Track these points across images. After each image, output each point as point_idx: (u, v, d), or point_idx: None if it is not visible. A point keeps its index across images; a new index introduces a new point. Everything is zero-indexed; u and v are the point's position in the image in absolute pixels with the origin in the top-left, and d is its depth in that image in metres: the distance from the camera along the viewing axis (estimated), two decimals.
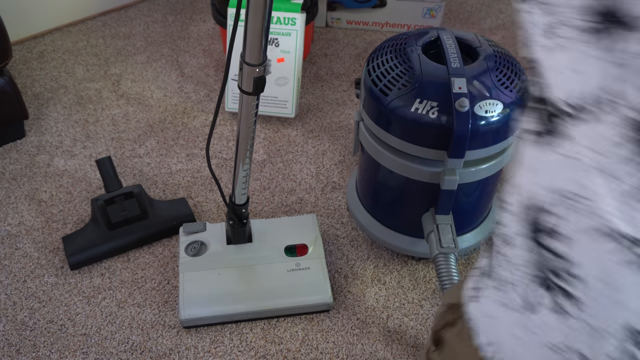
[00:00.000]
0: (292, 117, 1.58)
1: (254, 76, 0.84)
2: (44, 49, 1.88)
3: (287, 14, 1.52)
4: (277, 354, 1.13)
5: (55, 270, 1.27)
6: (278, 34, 1.53)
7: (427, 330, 1.17)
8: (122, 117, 1.64)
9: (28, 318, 1.19)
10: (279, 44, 1.53)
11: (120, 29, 1.98)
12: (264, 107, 1.57)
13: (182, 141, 1.57)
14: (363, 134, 1.17)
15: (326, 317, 1.19)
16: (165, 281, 1.25)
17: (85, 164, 1.50)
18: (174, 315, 1.19)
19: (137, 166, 1.50)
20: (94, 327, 1.17)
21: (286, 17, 1.52)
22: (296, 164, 1.51)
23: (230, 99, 1.61)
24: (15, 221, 1.37)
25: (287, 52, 1.53)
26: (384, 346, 1.15)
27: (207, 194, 1.44)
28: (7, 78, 1.46)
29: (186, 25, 2.00)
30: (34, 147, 1.55)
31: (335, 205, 1.41)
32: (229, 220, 1.18)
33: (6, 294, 1.23)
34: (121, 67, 1.81)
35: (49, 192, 1.43)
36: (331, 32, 1.98)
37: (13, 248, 1.31)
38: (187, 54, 1.87)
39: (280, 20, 1.52)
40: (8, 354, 1.13)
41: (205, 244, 1.23)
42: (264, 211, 1.40)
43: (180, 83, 1.76)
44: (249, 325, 1.18)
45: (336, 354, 1.14)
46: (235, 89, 1.58)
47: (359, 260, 1.29)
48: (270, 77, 1.51)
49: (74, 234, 1.30)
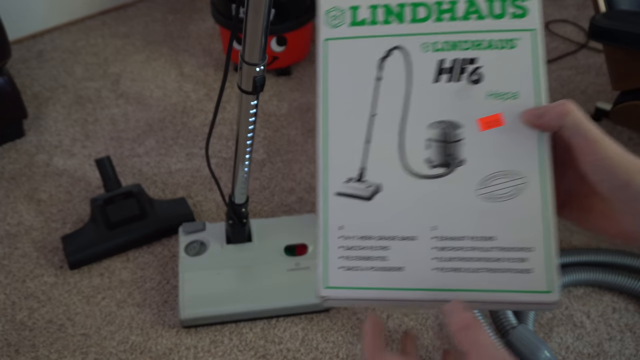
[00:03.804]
0: (554, 302, 0.40)
1: (253, 75, 0.83)
2: (43, 48, 1.87)
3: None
4: (276, 353, 1.13)
5: (55, 270, 1.27)
6: (473, 45, 0.42)
7: (427, 330, 1.17)
8: (121, 116, 1.64)
9: (27, 318, 1.18)
10: (482, 76, 0.42)
11: (120, 28, 1.97)
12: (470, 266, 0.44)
13: (181, 140, 1.57)
14: None
15: (326, 316, 1.19)
16: (164, 281, 1.25)
17: (84, 164, 1.50)
18: (174, 315, 1.19)
19: (137, 166, 1.50)
20: (93, 327, 1.17)
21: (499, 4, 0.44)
22: (296, 164, 1.51)
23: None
24: (15, 221, 1.36)
25: (504, 95, 0.41)
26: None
27: (206, 193, 1.43)
28: (6, 77, 1.46)
29: (186, 24, 2.00)
30: (33, 146, 1.55)
31: None
32: (229, 219, 1.18)
33: (5, 293, 1.22)
34: (120, 67, 1.81)
35: (48, 192, 1.43)
36: None
37: (12, 248, 1.31)
38: (187, 53, 1.87)
39: (478, 10, 0.43)
40: (7, 354, 1.13)
41: (204, 244, 1.23)
42: (264, 211, 1.39)
43: (179, 82, 1.76)
44: (248, 325, 1.17)
45: (336, 354, 1.13)
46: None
47: None
48: (466, 174, 0.42)
49: (73, 234, 1.29)
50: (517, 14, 0.41)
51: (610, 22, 1.17)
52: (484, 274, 0.39)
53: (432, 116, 0.41)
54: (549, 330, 1.16)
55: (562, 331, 1.16)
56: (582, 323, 1.17)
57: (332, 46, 0.43)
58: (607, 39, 1.18)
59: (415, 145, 0.41)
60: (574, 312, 1.19)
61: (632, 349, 1.13)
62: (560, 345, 1.14)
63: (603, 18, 1.18)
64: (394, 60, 0.42)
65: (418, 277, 0.40)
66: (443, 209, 0.40)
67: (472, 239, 0.39)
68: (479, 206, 0.40)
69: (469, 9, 0.42)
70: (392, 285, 0.40)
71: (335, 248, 0.41)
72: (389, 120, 0.41)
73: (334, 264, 0.41)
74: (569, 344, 1.14)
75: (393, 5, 0.43)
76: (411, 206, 0.40)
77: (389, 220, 0.40)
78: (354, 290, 0.40)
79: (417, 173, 0.41)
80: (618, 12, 1.23)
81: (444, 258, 0.40)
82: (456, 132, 0.40)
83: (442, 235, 0.40)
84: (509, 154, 0.40)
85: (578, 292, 1.23)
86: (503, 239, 0.39)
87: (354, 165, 0.41)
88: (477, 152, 0.40)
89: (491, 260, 0.39)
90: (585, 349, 1.14)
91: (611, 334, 1.16)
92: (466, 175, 0.40)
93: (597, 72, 1.81)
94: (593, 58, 1.89)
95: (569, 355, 1.13)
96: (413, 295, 0.39)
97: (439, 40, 0.42)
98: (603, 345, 1.14)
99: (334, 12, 0.43)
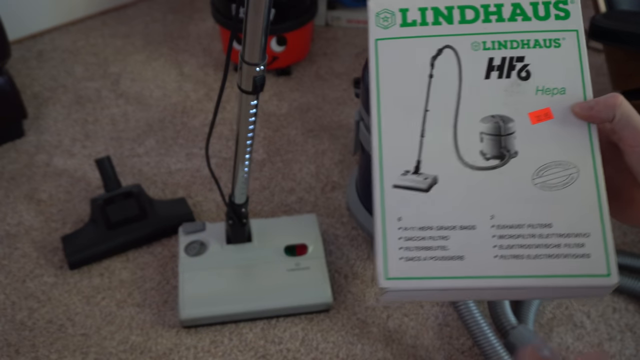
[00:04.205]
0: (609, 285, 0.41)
1: (253, 75, 0.83)
2: (43, 48, 1.87)
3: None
4: (276, 353, 1.13)
5: (55, 270, 1.26)
6: (521, 44, 0.45)
7: (427, 330, 1.17)
8: (121, 116, 1.64)
9: (27, 318, 1.18)
10: (530, 73, 0.44)
11: (120, 28, 1.97)
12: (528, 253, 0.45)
13: (181, 140, 1.57)
14: (363, 134, 1.17)
15: (326, 317, 1.19)
16: (164, 281, 1.25)
17: (84, 164, 1.50)
18: (174, 315, 1.18)
19: (137, 166, 1.50)
20: (93, 327, 1.17)
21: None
22: (296, 164, 1.51)
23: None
24: (15, 221, 1.36)
25: (553, 90, 0.44)
26: (384, 346, 1.14)
27: (206, 193, 1.43)
28: (6, 77, 1.46)
29: (186, 24, 2.00)
30: (33, 146, 1.55)
31: (335, 205, 1.40)
32: (229, 219, 1.17)
33: (5, 293, 1.22)
34: (120, 67, 1.81)
35: (48, 192, 1.43)
36: (331, 31, 1.97)
37: (12, 248, 1.31)
38: (187, 53, 1.87)
39: (524, 12, 0.46)
40: (7, 354, 1.12)
41: (204, 244, 1.23)
42: (264, 211, 1.39)
43: (179, 82, 1.76)
44: (248, 325, 1.17)
45: (336, 354, 1.13)
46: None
47: (359, 260, 1.29)
48: (520, 165, 0.44)
49: (73, 234, 1.29)
50: (560, 16, 0.45)
51: (610, 22, 1.17)
52: (544, 260, 0.40)
53: (484, 111, 0.43)
54: (549, 330, 1.16)
55: (562, 331, 1.16)
56: (582, 323, 1.17)
57: (383, 46, 0.45)
58: (607, 39, 1.18)
59: (469, 139, 0.43)
60: (574, 312, 1.19)
61: (632, 349, 1.13)
62: (560, 345, 1.14)
63: (603, 18, 1.18)
64: (444, 59, 0.45)
65: (479, 265, 0.40)
66: (500, 199, 0.41)
67: (530, 227, 0.41)
68: (535, 195, 0.41)
69: (515, 11, 0.45)
70: (454, 274, 0.40)
71: (394, 239, 0.41)
72: (442, 115, 0.43)
73: (394, 255, 0.41)
74: (569, 344, 1.14)
75: (441, 7, 0.45)
76: (468, 196, 0.42)
77: (447, 210, 0.42)
78: (415, 281, 0.41)
79: (473, 165, 0.42)
80: (618, 12, 1.23)
81: (504, 246, 0.41)
82: (508, 126, 0.43)
83: (501, 223, 0.41)
84: (561, 145, 0.42)
85: None
86: (560, 225, 0.41)
87: (410, 158, 0.43)
88: (529, 144, 0.42)
89: (550, 246, 0.40)
90: (585, 349, 1.14)
91: (611, 334, 1.16)
92: (520, 166, 0.42)
93: (597, 72, 1.81)
94: (593, 58, 1.89)
95: (569, 356, 1.13)
96: (474, 284, 0.40)
97: (487, 39, 0.45)
98: (603, 345, 1.14)
99: (384, 14, 0.46)
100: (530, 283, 0.40)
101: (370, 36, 0.46)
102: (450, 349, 1.14)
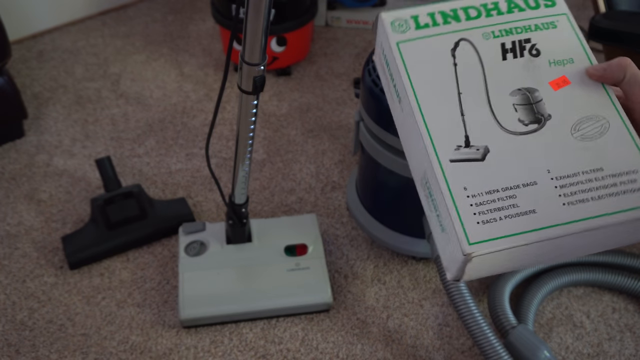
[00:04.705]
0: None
1: (253, 75, 0.84)
2: (43, 49, 1.88)
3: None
4: (276, 353, 1.13)
5: (55, 270, 1.27)
6: (524, 29, 0.54)
7: (427, 330, 1.17)
8: (121, 116, 1.64)
9: (27, 318, 1.18)
10: (539, 51, 0.52)
11: (120, 29, 1.97)
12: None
13: (181, 141, 1.57)
14: (363, 134, 1.17)
15: (326, 317, 1.19)
16: (164, 281, 1.25)
17: (84, 164, 1.50)
18: (174, 315, 1.19)
19: (137, 166, 1.50)
20: (93, 327, 1.17)
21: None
22: (296, 164, 1.51)
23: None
24: (15, 221, 1.36)
25: (563, 61, 0.52)
26: (384, 346, 1.14)
27: (206, 193, 1.43)
28: (6, 77, 1.46)
29: (186, 24, 2.00)
30: (33, 146, 1.55)
31: (335, 205, 1.40)
32: (229, 219, 1.18)
33: (5, 293, 1.22)
34: (120, 67, 1.81)
35: (48, 192, 1.43)
36: (331, 32, 1.97)
37: (12, 248, 1.31)
38: (187, 54, 1.87)
39: (517, 5, 0.55)
40: (7, 354, 1.13)
41: (204, 244, 1.23)
42: (264, 211, 1.39)
43: (179, 82, 1.76)
44: (248, 325, 1.17)
45: (336, 354, 1.13)
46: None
47: (359, 260, 1.29)
48: (557, 124, 0.49)
49: (73, 234, 1.29)
50: (548, 4, 0.52)
51: (610, 22, 1.17)
52: (608, 199, 0.44)
53: (511, 86, 0.49)
54: (548, 330, 1.16)
55: (562, 331, 1.16)
56: (581, 323, 1.17)
57: (405, 47, 0.51)
58: (607, 39, 1.18)
59: (505, 111, 0.48)
60: (573, 312, 1.19)
61: (632, 349, 1.14)
62: (560, 345, 1.14)
63: (603, 18, 1.18)
64: (463, 50, 0.51)
65: (552, 215, 0.43)
66: (549, 155, 0.46)
67: (585, 173, 0.45)
68: (579, 146, 0.46)
69: (510, 5, 0.52)
70: (530, 228, 0.43)
71: (466, 207, 0.44)
72: (475, 95, 0.49)
73: (470, 221, 0.43)
74: (568, 344, 1.14)
75: (447, 10, 0.52)
76: (521, 158, 0.46)
77: (506, 173, 0.45)
78: (496, 241, 0.43)
79: (515, 131, 0.47)
80: (618, 12, 1.23)
81: (568, 194, 0.44)
82: (535, 95, 0.48)
83: (558, 175, 0.45)
84: (585, 103, 0.48)
85: (578, 292, 1.23)
86: (610, 167, 0.45)
87: (459, 134, 0.47)
88: (559, 107, 0.48)
89: (609, 186, 0.44)
90: (585, 349, 1.14)
91: (611, 334, 1.16)
92: (558, 125, 0.47)
93: None
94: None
95: (568, 355, 1.13)
96: (552, 233, 0.43)
97: (495, 29, 0.51)
98: (603, 345, 1.14)
99: (398, 22, 0.52)
100: (604, 222, 0.43)
101: (391, 41, 0.51)
102: (450, 349, 1.14)
